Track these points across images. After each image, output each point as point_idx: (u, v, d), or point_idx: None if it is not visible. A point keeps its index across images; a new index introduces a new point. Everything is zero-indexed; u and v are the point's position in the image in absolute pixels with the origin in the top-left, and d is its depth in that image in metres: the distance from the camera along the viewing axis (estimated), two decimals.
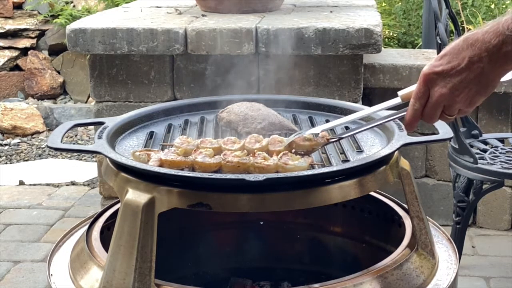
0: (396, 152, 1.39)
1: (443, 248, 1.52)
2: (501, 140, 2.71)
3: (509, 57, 1.12)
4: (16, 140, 4.86)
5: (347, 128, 1.57)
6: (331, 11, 3.02)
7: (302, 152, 1.38)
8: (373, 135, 1.55)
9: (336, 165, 1.35)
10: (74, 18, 5.18)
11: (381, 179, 1.34)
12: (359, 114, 1.44)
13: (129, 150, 1.46)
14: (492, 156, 2.54)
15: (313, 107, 1.73)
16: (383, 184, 1.35)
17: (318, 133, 1.40)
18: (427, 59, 3.12)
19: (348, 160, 1.40)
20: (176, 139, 1.44)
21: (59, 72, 5.64)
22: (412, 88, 1.26)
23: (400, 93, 1.31)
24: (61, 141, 1.42)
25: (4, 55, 5.65)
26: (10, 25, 5.70)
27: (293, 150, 1.38)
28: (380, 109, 1.39)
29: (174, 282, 1.29)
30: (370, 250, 1.71)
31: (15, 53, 5.68)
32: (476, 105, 1.23)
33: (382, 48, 2.79)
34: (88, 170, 4.16)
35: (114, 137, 1.50)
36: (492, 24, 1.12)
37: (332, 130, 1.55)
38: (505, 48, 1.11)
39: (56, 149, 1.41)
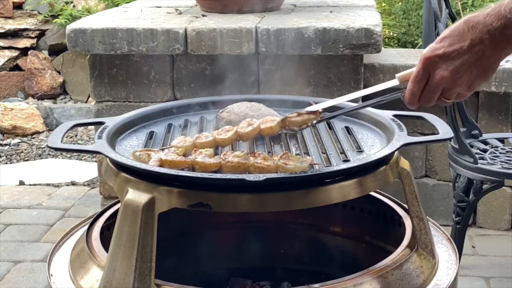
0: (396, 152, 1.39)
1: (443, 248, 1.52)
2: (501, 140, 2.71)
3: (510, 40, 1.12)
4: (16, 140, 4.87)
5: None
6: (331, 11, 3.02)
7: (296, 129, 1.37)
8: (373, 135, 1.55)
9: (336, 165, 1.35)
10: (74, 18, 5.18)
11: (381, 179, 1.34)
12: (356, 94, 1.42)
13: (129, 150, 1.46)
14: (492, 156, 2.54)
15: None
16: (383, 184, 1.35)
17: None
18: None
19: (348, 160, 1.40)
20: (174, 140, 1.45)
21: (59, 72, 5.64)
22: (410, 71, 1.26)
23: (398, 75, 1.31)
24: (61, 141, 1.41)
25: (4, 55, 5.65)
26: (10, 25, 5.70)
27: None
28: (378, 90, 1.38)
29: (174, 282, 1.29)
30: (370, 250, 1.71)
31: (15, 53, 5.68)
32: (475, 89, 1.21)
33: (382, 48, 2.79)
34: (88, 170, 4.16)
35: (114, 137, 1.50)
36: (494, 6, 1.12)
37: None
38: (507, 32, 1.11)
39: (56, 149, 1.40)
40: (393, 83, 1.32)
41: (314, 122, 1.37)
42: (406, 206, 1.49)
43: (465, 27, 1.15)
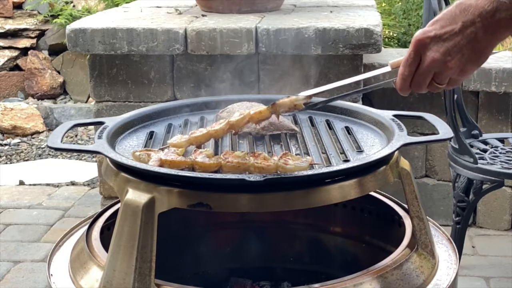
0: (396, 152, 1.39)
1: (443, 248, 1.52)
2: (501, 140, 2.71)
3: (502, 24, 1.12)
4: (16, 140, 4.87)
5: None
6: (331, 11, 3.02)
7: (287, 114, 1.37)
8: (373, 135, 1.55)
9: (336, 165, 1.35)
10: (74, 18, 5.18)
11: (381, 179, 1.34)
12: (346, 81, 1.41)
13: (129, 150, 1.46)
14: (492, 156, 2.54)
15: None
16: (383, 184, 1.35)
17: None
18: None
19: (348, 160, 1.40)
20: (171, 139, 1.45)
21: (59, 72, 5.64)
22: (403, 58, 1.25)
23: (390, 62, 1.30)
24: (61, 141, 1.41)
25: (4, 55, 5.65)
26: (10, 25, 5.70)
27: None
28: (369, 76, 1.37)
29: (174, 282, 1.29)
30: (370, 250, 1.71)
31: (15, 53, 5.68)
32: (467, 74, 1.20)
33: (382, 48, 2.79)
34: (88, 170, 4.16)
35: (114, 137, 1.50)
36: None
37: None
38: (499, 15, 1.11)
39: (56, 149, 1.40)
40: (386, 69, 1.31)
41: (304, 105, 1.35)
42: (406, 206, 1.49)
43: (456, 10, 1.15)
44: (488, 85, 2.98)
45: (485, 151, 2.59)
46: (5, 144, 4.78)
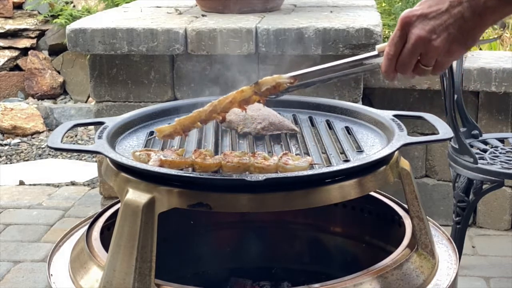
0: (396, 152, 1.39)
1: (443, 248, 1.52)
2: (501, 140, 2.71)
3: (488, 5, 1.10)
4: (16, 140, 4.87)
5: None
6: (331, 11, 3.02)
7: (273, 96, 1.34)
8: (373, 135, 1.55)
9: (336, 165, 1.35)
10: (74, 18, 5.18)
11: (381, 179, 1.34)
12: (333, 63, 1.38)
13: (129, 150, 1.46)
14: (492, 156, 2.54)
15: (313, 107, 1.73)
16: (383, 184, 1.35)
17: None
18: None
19: (348, 160, 1.40)
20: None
21: (59, 72, 5.64)
22: None
23: (378, 46, 1.29)
24: (61, 141, 1.41)
25: (4, 55, 5.65)
26: (10, 25, 5.70)
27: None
28: (356, 59, 1.34)
29: (174, 282, 1.29)
30: (370, 250, 1.71)
31: (15, 53, 5.68)
32: (454, 57, 1.18)
33: None
34: (88, 170, 4.16)
35: (114, 137, 1.50)
36: None
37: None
38: (488, 3, 1.10)
39: (56, 149, 1.40)
40: (372, 53, 1.30)
41: (287, 85, 1.33)
42: (406, 206, 1.49)
43: None
44: (488, 85, 2.98)
45: (485, 151, 2.59)
46: (5, 144, 4.78)
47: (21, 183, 3.96)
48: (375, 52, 1.28)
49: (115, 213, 1.53)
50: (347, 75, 1.35)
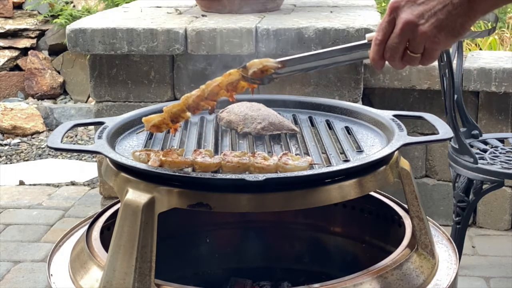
0: (396, 152, 1.39)
1: (443, 248, 1.52)
2: (501, 140, 2.71)
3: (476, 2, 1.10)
4: (16, 140, 4.87)
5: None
6: (331, 11, 3.02)
7: (258, 82, 1.32)
8: (373, 135, 1.55)
9: (336, 165, 1.35)
10: (74, 18, 5.18)
11: (381, 179, 1.34)
12: (322, 50, 1.35)
13: (129, 150, 1.46)
14: (492, 156, 2.54)
15: (313, 107, 1.73)
16: (383, 184, 1.35)
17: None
18: None
19: (348, 160, 1.40)
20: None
21: (59, 72, 5.64)
22: None
23: (367, 35, 1.27)
24: (61, 141, 1.41)
25: (4, 55, 5.65)
26: (10, 25, 5.70)
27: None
28: (345, 47, 1.30)
29: (174, 282, 1.29)
30: (370, 250, 1.71)
31: (15, 53, 5.68)
32: (442, 45, 1.16)
33: None
34: (88, 170, 4.16)
35: (114, 137, 1.50)
36: None
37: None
38: None
39: (56, 149, 1.40)
40: (362, 42, 1.28)
41: (275, 70, 1.30)
42: (406, 206, 1.49)
43: None
44: (488, 85, 2.98)
45: (485, 151, 2.59)
46: (5, 144, 4.78)
47: (21, 183, 3.96)
48: (365, 41, 1.27)
49: (115, 213, 1.53)
50: (336, 63, 1.32)
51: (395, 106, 3.05)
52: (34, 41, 5.71)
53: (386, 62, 1.22)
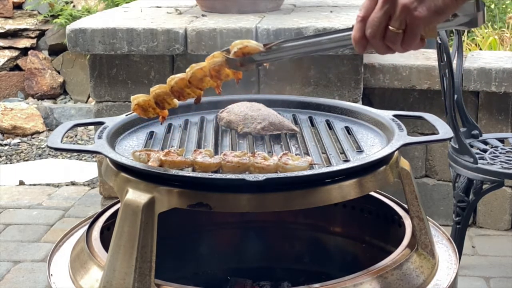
0: (396, 152, 1.39)
1: (443, 248, 1.52)
2: (501, 140, 2.71)
3: None
4: (16, 140, 4.87)
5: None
6: (331, 11, 3.02)
7: (240, 65, 1.31)
8: (373, 135, 1.55)
9: (336, 165, 1.35)
10: (74, 18, 5.18)
11: (381, 179, 1.34)
12: (307, 36, 1.33)
13: (129, 150, 1.46)
14: (492, 156, 2.54)
15: (313, 107, 1.73)
16: (383, 184, 1.35)
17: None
18: (427, 59, 3.12)
19: (348, 160, 1.40)
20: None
21: (59, 72, 5.64)
22: None
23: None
24: (61, 141, 1.42)
25: (4, 55, 5.65)
26: (10, 25, 5.70)
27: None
28: (331, 32, 1.30)
29: (174, 282, 1.29)
30: (370, 250, 1.71)
31: (15, 53, 5.68)
32: (423, 21, 1.13)
33: None
34: (88, 170, 4.16)
35: (114, 137, 1.50)
36: None
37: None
38: None
39: (56, 149, 1.40)
40: (349, 27, 1.27)
41: (255, 51, 1.30)
42: (406, 206, 1.49)
43: None
44: (488, 85, 2.98)
45: (485, 151, 2.59)
46: (5, 144, 4.78)
47: (21, 183, 3.96)
48: (351, 26, 1.25)
49: (115, 213, 1.53)
50: (324, 49, 1.30)
51: (395, 106, 3.05)
52: (34, 41, 5.71)
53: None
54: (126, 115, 1.56)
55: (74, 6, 5.76)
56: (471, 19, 1.15)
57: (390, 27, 1.14)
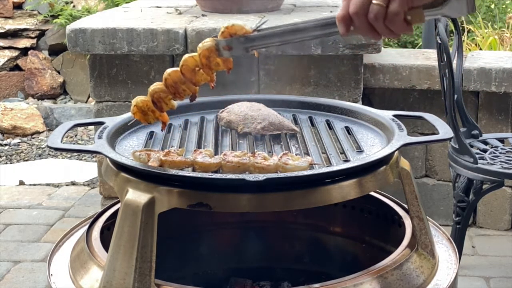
0: (396, 152, 1.39)
1: (443, 248, 1.52)
2: (501, 140, 2.71)
3: None
4: (16, 140, 4.87)
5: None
6: (331, 11, 3.02)
7: (227, 52, 1.31)
8: (373, 135, 1.55)
9: (336, 165, 1.35)
10: (74, 18, 5.18)
11: (381, 179, 1.34)
12: (295, 22, 1.33)
13: (129, 150, 1.46)
14: (492, 156, 2.54)
15: (313, 107, 1.73)
16: (383, 184, 1.35)
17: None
18: (427, 59, 3.12)
19: (348, 160, 1.40)
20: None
21: (59, 72, 5.64)
22: None
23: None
24: (61, 141, 1.42)
25: (4, 55, 5.65)
26: (10, 25, 5.70)
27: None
28: (316, 19, 1.29)
29: (174, 282, 1.29)
30: (370, 250, 1.71)
31: (15, 53, 5.68)
32: (405, 3, 1.14)
33: (382, 48, 2.79)
34: (88, 170, 4.16)
35: (114, 137, 1.50)
36: None
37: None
38: None
39: (56, 149, 1.41)
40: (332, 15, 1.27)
41: (242, 32, 1.30)
42: (406, 206, 1.49)
43: None
44: (488, 85, 2.98)
45: (485, 151, 2.59)
46: (5, 144, 4.78)
47: (21, 183, 3.96)
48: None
49: (115, 213, 1.53)
50: (309, 36, 1.29)
51: (395, 106, 3.05)
52: (34, 41, 5.71)
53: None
54: (129, 124, 1.55)
55: (74, 6, 5.76)
56: (456, 5, 1.15)
57: (373, 2, 1.14)
